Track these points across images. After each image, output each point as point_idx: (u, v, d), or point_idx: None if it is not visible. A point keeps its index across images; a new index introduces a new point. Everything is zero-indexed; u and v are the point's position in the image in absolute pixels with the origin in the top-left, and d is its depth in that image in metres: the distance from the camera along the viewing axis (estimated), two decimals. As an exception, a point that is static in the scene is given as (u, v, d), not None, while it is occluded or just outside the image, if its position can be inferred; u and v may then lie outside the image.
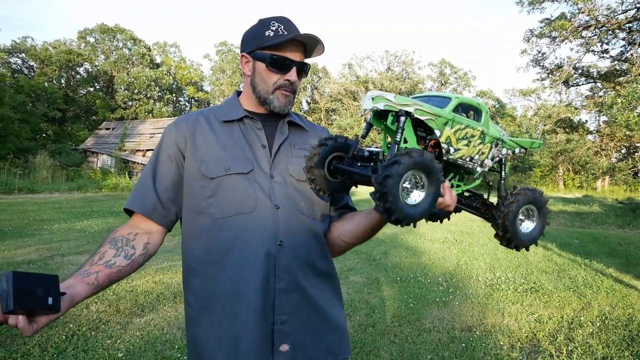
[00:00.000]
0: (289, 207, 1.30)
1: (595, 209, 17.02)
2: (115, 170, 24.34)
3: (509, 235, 1.15)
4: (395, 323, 4.13)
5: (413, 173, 0.97)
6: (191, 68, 43.80)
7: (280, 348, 1.24)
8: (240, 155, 1.30)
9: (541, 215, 1.20)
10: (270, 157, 1.33)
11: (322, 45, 1.34)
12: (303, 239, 1.31)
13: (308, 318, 1.30)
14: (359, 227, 1.37)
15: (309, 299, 1.31)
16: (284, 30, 1.30)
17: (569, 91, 24.98)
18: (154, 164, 1.35)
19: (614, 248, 8.70)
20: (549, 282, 5.80)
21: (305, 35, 1.30)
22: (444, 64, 43.65)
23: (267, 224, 1.26)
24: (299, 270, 1.29)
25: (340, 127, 37.11)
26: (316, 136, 1.46)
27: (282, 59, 1.30)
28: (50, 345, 3.37)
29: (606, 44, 19.24)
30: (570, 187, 36.47)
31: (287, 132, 1.40)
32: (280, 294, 1.25)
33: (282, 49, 1.31)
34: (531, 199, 1.15)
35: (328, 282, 1.40)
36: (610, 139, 22.74)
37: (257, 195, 1.27)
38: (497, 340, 3.81)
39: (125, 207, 1.36)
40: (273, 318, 1.24)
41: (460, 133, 1.10)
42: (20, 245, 6.97)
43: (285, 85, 1.33)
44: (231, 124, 1.36)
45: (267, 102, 1.34)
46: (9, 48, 33.38)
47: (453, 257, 7.27)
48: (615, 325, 4.23)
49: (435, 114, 1.04)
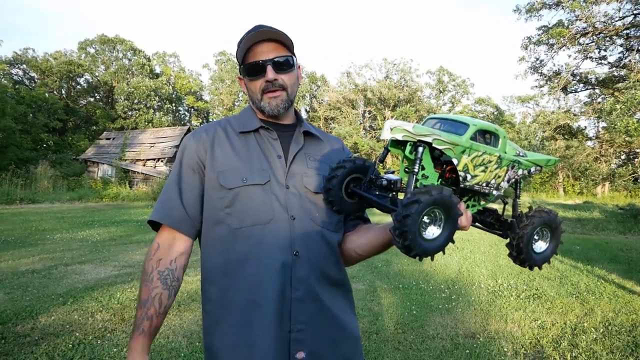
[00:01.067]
0: (305, 218, 1.32)
1: (596, 215, 17.03)
2: (116, 180, 24.38)
3: (523, 256, 1.16)
4: (399, 330, 4.15)
5: (432, 209, 0.98)
6: (190, 78, 43.99)
7: (297, 355, 1.26)
8: (257, 166, 1.32)
9: (555, 236, 1.21)
10: (285, 168, 1.35)
11: (280, 33, 1.34)
12: (318, 250, 1.33)
13: (324, 327, 1.32)
14: (373, 242, 1.38)
15: (324, 308, 1.33)
16: (247, 37, 1.32)
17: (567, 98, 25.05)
18: (178, 176, 1.37)
19: (615, 254, 8.71)
20: (552, 288, 5.82)
21: (257, 33, 1.31)
22: (442, 72, 43.82)
23: (284, 235, 1.28)
24: (314, 280, 1.31)
25: (339, 135, 37.17)
26: (331, 146, 1.49)
27: (251, 64, 1.34)
28: (57, 354, 3.38)
29: (604, 51, 19.36)
30: (570, 194, 36.47)
31: (302, 142, 1.42)
32: (297, 303, 1.27)
33: (252, 55, 1.33)
34: (546, 221, 1.16)
35: (342, 291, 1.43)
36: (610, 145, 22.75)
37: (273, 206, 1.29)
38: (500, 347, 3.83)
39: (153, 219, 1.36)
40: (290, 327, 1.26)
41: (478, 160, 1.10)
42: (24, 255, 6.99)
43: (267, 87, 1.35)
44: (247, 134, 1.39)
45: (262, 109, 1.38)
46: (10, 59, 33.55)
47: (455, 264, 7.29)
48: (618, 331, 4.25)
49: (454, 142, 1.05)
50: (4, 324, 3.92)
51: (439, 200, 0.97)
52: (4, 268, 6.09)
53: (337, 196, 1.26)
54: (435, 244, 1.01)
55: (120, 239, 9.04)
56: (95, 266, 6.42)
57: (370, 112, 42.23)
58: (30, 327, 3.89)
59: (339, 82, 44.46)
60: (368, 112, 42.54)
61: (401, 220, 0.94)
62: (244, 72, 1.37)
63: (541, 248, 1.20)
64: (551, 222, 1.17)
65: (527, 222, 1.13)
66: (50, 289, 5.09)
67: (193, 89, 43.49)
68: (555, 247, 1.22)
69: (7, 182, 18.43)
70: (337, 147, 1.53)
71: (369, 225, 1.47)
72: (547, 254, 1.21)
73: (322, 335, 1.32)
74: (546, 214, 1.16)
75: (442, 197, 0.97)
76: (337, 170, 1.24)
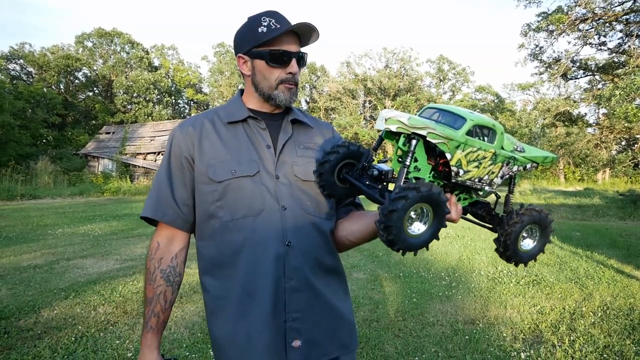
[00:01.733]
0: (296, 208, 1.31)
1: (596, 201, 17.05)
2: (116, 174, 24.40)
3: (509, 253, 1.16)
4: (399, 318, 4.18)
5: (420, 205, 0.98)
6: (189, 70, 43.85)
7: (293, 344, 1.28)
8: (246, 158, 1.32)
9: (543, 235, 1.20)
10: (275, 158, 1.34)
11: (317, 33, 1.33)
12: (311, 238, 1.33)
13: (319, 314, 1.34)
14: (366, 230, 1.38)
15: (319, 296, 1.34)
16: (275, 23, 1.29)
17: (567, 84, 24.99)
18: (167, 171, 1.36)
19: (615, 240, 8.74)
20: (551, 274, 5.85)
21: (299, 24, 1.29)
22: (442, 60, 43.62)
23: (275, 226, 1.28)
24: (308, 269, 1.31)
25: (340, 125, 37.10)
26: (321, 133, 1.48)
27: (280, 52, 1.30)
28: (60, 347, 3.42)
29: (603, 37, 19.26)
30: (571, 180, 36.46)
31: (290, 131, 1.40)
32: (291, 292, 1.28)
33: (278, 42, 1.30)
34: (536, 220, 1.15)
35: (336, 278, 1.44)
36: (610, 131, 22.70)
37: (264, 197, 1.29)
38: (500, 332, 3.86)
39: (148, 216, 1.36)
40: (285, 316, 1.28)
41: (472, 155, 1.08)
42: (25, 251, 7.03)
43: (287, 79, 1.33)
44: (235, 124, 1.37)
45: (272, 97, 1.34)
46: (7, 54, 33.46)
47: (455, 252, 7.32)
48: (616, 314, 4.28)
49: (448, 137, 1.02)
50: (7, 318, 3.96)
51: (427, 198, 0.96)
52: (6, 264, 6.13)
53: (329, 181, 1.26)
54: (420, 240, 1.01)
55: (121, 233, 9.08)
56: (97, 260, 6.46)
57: (370, 102, 42.14)
58: (33, 321, 3.93)
59: (338, 72, 44.34)
60: (368, 102, 42.45)
61: (387, 214, 0.93)
62: (266, 57, 1.30)
63: (529, 246, 1.19)
64: (541, 221, 1.17)
65: (516, 220, 1.12)
66: (53, 284, 5.13)
67: (192, 82, 43.36)
68: (543, 245, 1.21)
69: (7, 178, 18.47)
70: (327, 132, 1.52)
71: (361, 212, 1.47)
72: (534, 252, 1.20)
73: (317, 324, 1.33)
74: (537, 212, 1.15)
75: (431, 194, 0.96)
76: (330, 155, 1.23)
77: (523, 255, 1.18)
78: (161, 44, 44.15)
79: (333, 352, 1.36)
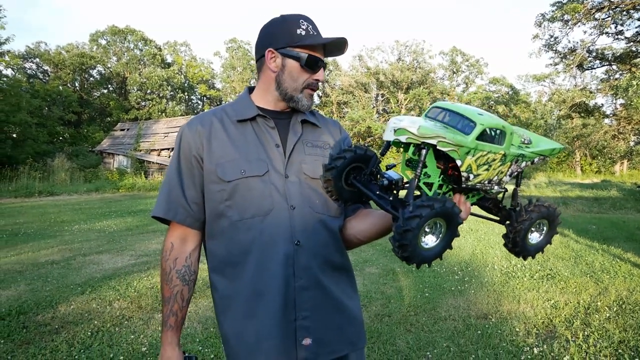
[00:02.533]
0: (304, 207, 1.32)
1: (614, 193, 16.79)
2: (131, 170, 24.70)
3: (517, 249, 1.16)
4: (411, 312, 4.18)
5: (434, 220, 0.98)
6: (202, 66, 44.04)
7: (303, 342, 1.29)
8: (254, 157, 1.32)
9: (551, 229, 1.20)
10: (284, 157, 1.34)
11: (345, 49, 1.37)
12: (320, 237, 1.33)
13: (328, 312, 1.34)
14: (374, 228, 1.39)
15: (328, 294, 1.35)
16: (313, 30, 1.34)
17: (583, 75, 24.58)
18: (177, 170, 1.37)
19: (632, 233, 8.61)
20: (566, 268, 5.78)
21: (337, 39, 1.33)
22: (455, 52, 43.14)
23: (284, 225, 1.29)
24: (317, 268, 1.32)
25: (352, 119, 36.98)
26: (328, 131, 1.49)
27: (316, 59, 1.33)
28: (76, 341, 3.49)
29: (620, 25, 18.89)
30: (587, 173, 35.94)
31: (300, 131, 1.40)
32: (301, 291, 1.29)
33: (314, 49, 1.33)
34: (544, 215, 1.15)
35: (344, 276, 1.44)
36: (628, 122, 22.28)
37: (273, 197, 1.29)
38: (512, 327, 3.84)
39: (159, 215, 1.37)
40: (295, 315, 1.29)
41: (482, 159, 1.06)
42: (43, 247, 7.16)
43: (313, 85, 1.36)
44: (244, 123, 1.37)
45: (295, 100, 1.36)
46: (23, 54, 33.97)
47: (469, 246, 7.28)
48: (632, 309, 4.22)
49: (458, 144, 1.00)
50: (25, 313, 4.05)
51: (441, 213, 0.97)
52: (25, 260, 6.25)
53: (337, 186, 1.25)
54: (433, 252, 1.02)
55: (136, 229, 9.19)
56: (113, 256, 6.56)
57: (383, 95, 41.89)
58: (51, 316, 4.01)
59: (350, 65, 44.09)
60: (381, 95, 42.19)
61: (402, 233, 0.94)
62: (302, 60, 1.32)
63: (536, 239, 1.19)
64: (549, 216, 1.17)
65: (525, 217, 1.12)
66: (69, 279, 5.22)
67: (205, 78, 43.53)
68: (550, 238, 1.21)
69: (25, 175, 18.83)
70: (335, 130, 1.52)
71: (369, 210, 1.47)
72: (541, 245, 1.21)
73: (327, 322, 1.34)
74: (545, 208, 1.15)
75: (445, 209, 0.97)
76: (337, 161, 1.22)
77: (530, 249, 1.19)
78: (174, 40, 44.49)
79: (342, 350, 1.37)
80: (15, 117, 22.36)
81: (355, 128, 36.90)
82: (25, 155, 22.60)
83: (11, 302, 4.33)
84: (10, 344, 3.40)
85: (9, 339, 3.50)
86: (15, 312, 4.04)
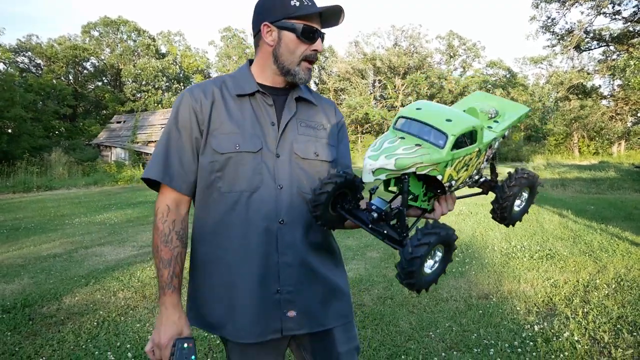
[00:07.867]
0: (292, 187, 1.34)
1: (611, 174, 16.85)
2: (129, 162, 24.65)
3: (506, 221, 1.19)
4: (413, 294, 4.22)
5: (436, 247, 1.02)
6: (197, 56, 43.75)
7: (288, 314, 1.34)
8: (249, 132, 1.32)
9: (530, 195, 1.24)
10: (277, 135, 1.35)
11: (342, 17, 1.34)
12: (305, 218, 1.35)
13: (314, 288, 1.38)
14: None
15: (313, 271, 1.38)
16: (307, 0, 1.32)
17: (581, 56, 24.46)
18: (176, 134, 1.35)
19: (630, 212, 8.67)
20: (565, 248, 5.84)
21: (333, 7, 1.31)
22: (452, 36, 42.96)
23: (270, 204, 1.31)
24: (301, 245, 1.34)
25: (350, 106, 36.90)
26: (324, 111, 1.50)
27: (312, 29, 1.31)
28: (83, 331, 3.52)
29: (618, 5, 18.79)
30: (585, 154, 36.02)
31: (295, 109, 1.40)
32: (285, 267, 1.33)
33: (309, 19, 1.31)
34: (525, 185, 1.18)
35: (330, 255, 1.47)
36: (625, 103, 22.28)
37: (262, 175, 1.31)
38: (513, 306, 3.89)
39: (154, 178, 1.34)
40: (278, 288, 1.32)
41: (460, 164, 1.06)
42: (44, 241, 7.18)
43: (311, 56, 1.35)
44: (243, 98, 1.37)
45: (292, 73, 1.35)
46: (15, 47, 33.67)
47: (469, 229, 7.33)
48: (630, 286, 4.28)
49: (435, 162, 0.99)
50: (30, 306, 4.08)
51: (446, 240, 1.00)
52: (27, 254, 6.28)
53: (324, 211, 1.22)
54: (431, 277, 1.04)
55: (137, 220, 9.22)
56: (115, 247, 6.59)
57: (380, 81, 41.77)
58: (56, 308, 4.04)
59: (347, 52, 43.92)
60: (378, 81, 42.07)
61: (410, 260, 0.96)
62: (298, 30, 1.30)
63: (519, 206, 1.22)
64: (530, 184, 1.20)
65: (509, 194, 1.14)
66: (73, 271, 5.25)
67: (200, 67, 43.29)
68: (529, 206, 1.24)
69: (23, 170, 18.77)
70: (330, 110, 1.53)
71: None
72: (522, 212, 1.24)
73: (312, 295, 1.37)
74: (525, 179, 1.17)
75: (449, 236, 1.00)
76: (327, 186, 1.19)
77: (515, 216, 1.22)
78: (167, 30, 44.14)
79: (330, 323, 1.41)
80: (10, 112, 22.23)
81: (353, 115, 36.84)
82: (22, 150, 22.50)
83: (16, 296, 4.36)
84: (17, 336, 3.44)
85: (15, 331, 3.53)
86: (20, 305, 4.07)
